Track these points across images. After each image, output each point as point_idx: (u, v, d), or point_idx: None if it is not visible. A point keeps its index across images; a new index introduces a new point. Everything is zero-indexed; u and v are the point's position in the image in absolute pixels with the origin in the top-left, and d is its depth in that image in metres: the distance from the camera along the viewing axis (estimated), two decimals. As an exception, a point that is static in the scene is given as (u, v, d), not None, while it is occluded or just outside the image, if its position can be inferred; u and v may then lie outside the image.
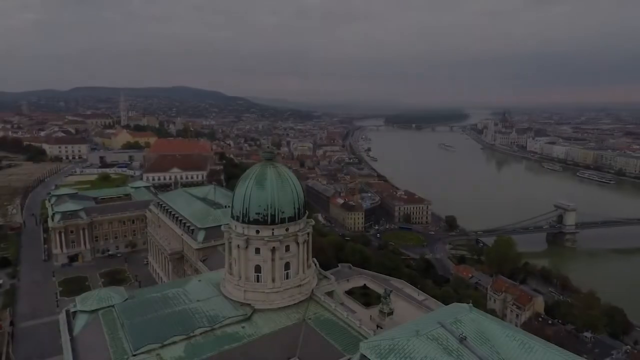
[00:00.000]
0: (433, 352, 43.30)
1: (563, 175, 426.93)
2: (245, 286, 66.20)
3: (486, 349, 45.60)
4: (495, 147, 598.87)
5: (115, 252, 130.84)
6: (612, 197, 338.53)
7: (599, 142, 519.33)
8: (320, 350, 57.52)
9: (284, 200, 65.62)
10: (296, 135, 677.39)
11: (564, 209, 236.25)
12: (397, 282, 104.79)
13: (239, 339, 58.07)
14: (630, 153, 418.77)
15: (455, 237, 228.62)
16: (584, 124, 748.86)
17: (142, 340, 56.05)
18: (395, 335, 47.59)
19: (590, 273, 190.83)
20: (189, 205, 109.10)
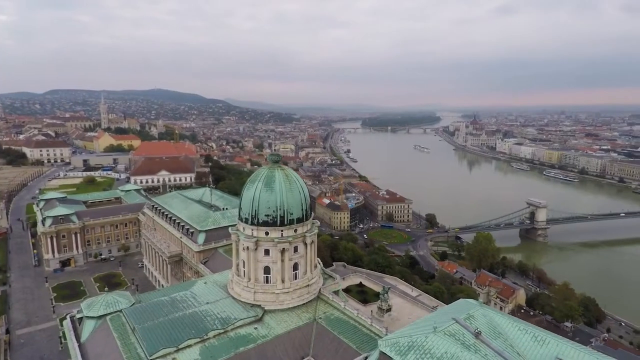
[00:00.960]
0: (452, 348, 43.57)
1: (531, 174, 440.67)
2: (255, 287, 65.11)
3: (500, 342, 46.31)
4: (466, 149, 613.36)
5: (108, 256, 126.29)
6: (577, 194, 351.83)
7: (562, 142, 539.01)
8: (334, 348, 57.11)
9: (292, 201, 64.92)
10: (277, 137, 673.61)
11: (535, 206, 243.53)
12: (391, 279, 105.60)
13: (253, 340, 57.03)
14: (591, 153, 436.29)
15: (435, 235, 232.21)
16: (547, 126, 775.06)
17: (156, 344, 54.23)
18: (412, 333, 47.68)
19: (562, 265, 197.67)
20: (186, 208, 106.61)
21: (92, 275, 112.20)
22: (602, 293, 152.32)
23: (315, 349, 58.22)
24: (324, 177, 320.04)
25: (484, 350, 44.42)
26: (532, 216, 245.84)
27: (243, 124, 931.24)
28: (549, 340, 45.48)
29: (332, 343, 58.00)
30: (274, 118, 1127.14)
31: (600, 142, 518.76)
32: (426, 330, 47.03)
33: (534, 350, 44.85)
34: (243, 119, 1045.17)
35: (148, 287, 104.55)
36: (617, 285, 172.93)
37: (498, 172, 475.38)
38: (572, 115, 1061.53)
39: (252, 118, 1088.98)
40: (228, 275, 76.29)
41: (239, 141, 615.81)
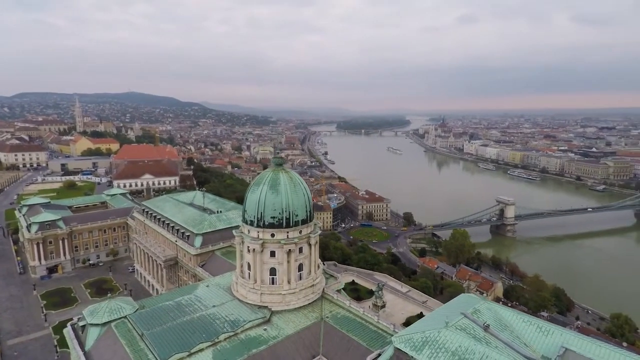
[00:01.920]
0: (465, 342, 44.29)
1: (496, 173, 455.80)
2: (261, 289, 64.10)
3: (507, 334, 47.51)
4: (436, 150, 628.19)
5: (96, 261, 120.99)
6: (539, 192, 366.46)
7: (523, 144, 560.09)
8: (344, 346, 56.98)
9: (297, 203, 64.41)
10: (255, 139, 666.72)
11: (504, 204, 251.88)
12: (381, 277, 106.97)
13: (265, 342, 56.12)
14: (551, 154, 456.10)
15: (412, 232, 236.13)
16: (508, 129, 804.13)
17: (167, 350, 52.46)
18: (425, 328, 48.13)
19: (531, 259, 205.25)
20: (180, 212, 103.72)
21: (82, 282, 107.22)
22: (569, 283, 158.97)
23: (325, 348, 57.96)
24: (305, 178, 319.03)
25: (494, 342, 45.46)
26: (502, 213, 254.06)
27: (220, 126, 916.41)
28: (552, 331, 47.07)
29: (341, 341, 57.88)
30: (250, 121, 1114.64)
31: (557, 143, 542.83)
32: (438, 326, 47.62)
33: (539, 340, 46.27)
34: (220, 122, 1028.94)
35: (141, 292, 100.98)
36: (581, 276, 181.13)
37: (466, 172, 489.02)
38: (531, 119, 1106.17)
39: (229, 121, 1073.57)
40: (229, 278, 74.93)
41: (217, 144, 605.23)
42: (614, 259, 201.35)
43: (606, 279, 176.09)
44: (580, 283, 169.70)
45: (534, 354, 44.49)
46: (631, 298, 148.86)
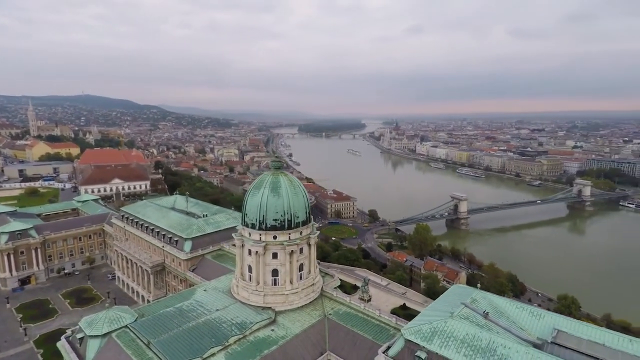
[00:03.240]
0: (471, 330, 46.09)
1: (446, 172, 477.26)
2: (264, 290, 62.89)
3: (504, 320, 50.15)
4: (391, 151, 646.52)
5: (72, 270, 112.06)
6: (485, 188, 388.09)
7: (468, 144, 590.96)
8: (350, 341, 57.22)
9: (297, 205, 63.87)
10: (218, 142, 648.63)
11: (458, 199, 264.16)
12: (361, 272, 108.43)
13: (274, 342, 55.05)
14: (493, 153, 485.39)
15: (379, 228, 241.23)
16: (454, 131, 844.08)
17: (179, 357, 50.08)
18: (431, 319, 49.50)
19: (484, 249, 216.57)
20: (164, 217, 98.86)
21: (59, 292, 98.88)
22: (519, 269, 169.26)
23: (332, 344, 57.90)
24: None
25: (495, 328, 47.79)
26: (456, 208, 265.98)
27: (181, 129, 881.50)
28: (543, 315, 50.34)
29: (346, 336, 58.10)
30: (211, 123, 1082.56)
31: (498, 143, 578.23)
32: (443, 316, 49.16)
33: (533, 324, 49.27)
34: (180, 125, 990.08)
35: (125, 300, 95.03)
36: (528, 262, 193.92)
37: (419, 171, 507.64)
38: (472, 122, 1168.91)
39: (190, 124, 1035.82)
40: (226, 281, 72.84)
41: (180, 147, 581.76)
42: (554, 246, 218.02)
43: (549, 264, 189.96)
44: (528, 269, 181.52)
45: (530, 336, 47.30)
46: (572, 280, 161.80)
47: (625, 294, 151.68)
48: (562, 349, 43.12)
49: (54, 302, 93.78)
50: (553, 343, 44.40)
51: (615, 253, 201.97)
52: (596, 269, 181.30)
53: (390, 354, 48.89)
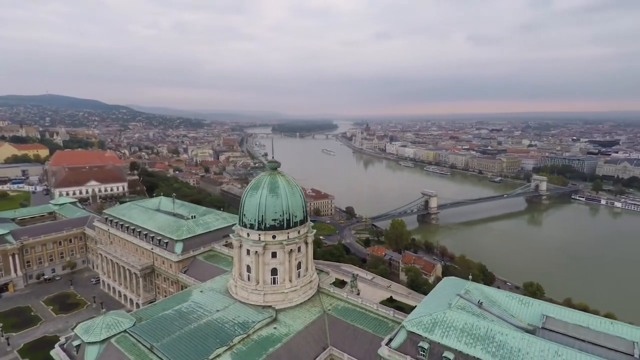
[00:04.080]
0: (469, 319, 47.65)
1: (415, 170, 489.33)
2: (264, 289, 62.08)
3: (497, 308, 52.28)
4: (363, 151, 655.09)
5: (52, 275, 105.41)
6: (451, 184, 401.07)
7: (434, 144, 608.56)
8: (351, 335, 57.54)
9: (295, 205, 63.49)
10: (192, 142, 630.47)
11: (428, 195, 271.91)
12: (347, 267, 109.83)
13: (279, 340, 54.51)
14: (457, 152, 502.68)
15: (356, 224, 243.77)
16: (420, 131, 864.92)
17: (184, 359, 48.43)
18: (430, 311, 50.75)
19: (453, 241, 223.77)
20: (151, 219, 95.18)
21: (41, 298, 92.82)
22: (486, 260, 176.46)
23: (333, 339, 58.04)
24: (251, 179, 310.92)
25: (489, 316, 49.73)
26: (426, 204, 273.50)
27: (152, 129, 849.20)
28: (532, 302, 52.85)
29: (347, 331, 58.42)
30: (183, 123, 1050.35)
31: (461, 143, 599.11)
32: (441, 308, 50.55)
33: (523, 311, 51.62)
34: (151, 125, 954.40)
35: (112, 304, 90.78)
36: (494, 253, 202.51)
37: (390, 169, 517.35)
38: (436, 122, 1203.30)
39: (161, 124, 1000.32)
40: (221, 282, 71.33)
41: (152, 147, 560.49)
42: (516, 238, 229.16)
43: (513, 254, 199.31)
44: (494, 259, 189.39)
45: (521, 323, 49.61)
46: (534, 268, 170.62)
47: (580, 280, 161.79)
48: (553, 334, 45.56)
49: (36, 309, 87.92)
50: (544, 328, 46.80)
51: (570, 243, 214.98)
52: (554, 257, 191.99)
53: (393, 345, 49.72)
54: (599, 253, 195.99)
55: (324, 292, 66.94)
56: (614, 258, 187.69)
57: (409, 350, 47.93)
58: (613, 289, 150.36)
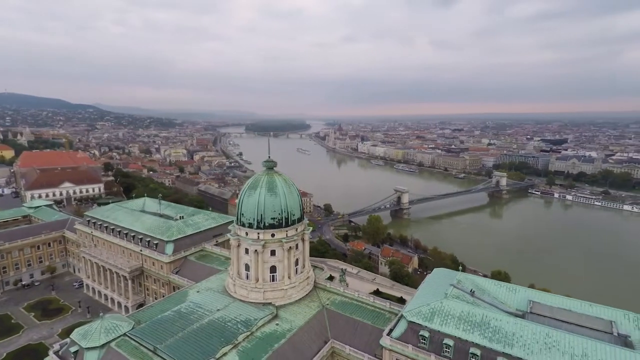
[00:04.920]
0: (466, 307, 49.47)
1: (385, 168, 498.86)
2: (264, 287, 61.35)
3: (487, 296, 54.63)
4: (336, 150, 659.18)
5: (30, 281, 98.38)
6: (419, 181, 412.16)
7: (402, 143, 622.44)
8: (351, 328, 57.97)
9: (293, 203, 63.15)
10: (164, 142, 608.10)
11: (400, 192, 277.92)
12: (332, 262, 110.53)
13: (282, 336, 54.09)
14: (424, 151, 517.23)
15: (334, 220, 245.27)
16: (388, 131, 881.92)
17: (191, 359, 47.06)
18: (427, 301, 52.15)
19: (425, 234, 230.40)
20: (137, 220, 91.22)
21: (20, 305, 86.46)
22: (455, 251, 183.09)
23: (333, 332, 58.27)
24: (228, 179, 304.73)
25: (482, 304, 51.91)
26: (399, 200, 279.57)
27: (121, 129, 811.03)
28: (518, 289, 55.65)
29: (347, 324, 58.85)
30: (154, 123, 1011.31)
31: (427, 142, 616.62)
32: (438, 297, 52.12)
33: (511, 297, 54.24)
34: (120, 125, 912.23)
35: (99, 308, 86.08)
36: (462, 244, 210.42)
37: (362, 167, 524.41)
38: (403, 123, 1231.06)
39: (130, 123, 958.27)
40: (217, 281, 69.90)
41: (123, 147, 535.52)
42: (481, 230, 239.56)
43: (479, 245, 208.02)
44: (463, 250, 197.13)
45: (510, 308, 52.18)
46: (498, 257, 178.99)
47: (540, 266, 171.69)
48: (540, 317, 48.25)
49: (16, 316, 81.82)
50: (531, 313, 49.49)
51: (528, 233, 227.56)
52: (516, 246, 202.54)
53: (394, 335, 50.71)
54: (553, 241, 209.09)
55: (321, 287, 67.09)
56: (566, 245, 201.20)
57: (410, 339, 49.11)
58: (567, 272, 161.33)
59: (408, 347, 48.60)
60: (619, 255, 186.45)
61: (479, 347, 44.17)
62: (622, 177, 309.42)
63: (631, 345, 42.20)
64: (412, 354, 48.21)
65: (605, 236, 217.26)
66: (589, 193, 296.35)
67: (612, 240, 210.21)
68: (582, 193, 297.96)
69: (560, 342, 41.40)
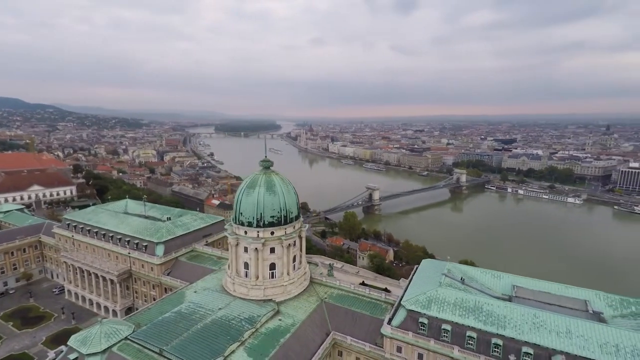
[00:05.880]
0: (459, 294, 51.69)
1: (355, 167, 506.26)
2: (264, 284, 60.51)
3: (475, 283, 57.34)
4: (308, 150, 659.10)
5: (4, 289, 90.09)
6: (386, 179, 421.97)
7: (369, 143, 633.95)
8: (350, 319, 58.58)
9: (291, 202, 62.74)
10: (131, 142, 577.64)
11: (372, 189, 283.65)
12: (317, 258, 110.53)
13: (287, 330, 53.68)
14: (390, 150, 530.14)
15: (310, 218, 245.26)
16: (356, 132, 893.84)
17: (200, 359, 45.55)
18: (423, 290, 53.89)
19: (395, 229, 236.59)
20: (122, 222, 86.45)
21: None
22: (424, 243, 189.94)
23: (334, 324, 58.59)
24: (202, 179, 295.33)
25: (472, 290, 54.48)
26: (370, 196, 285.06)
27: (85, 130, 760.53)
28: (502, 276, 58.82)
29: (346, 316, 59.39)
30: (120, 124, 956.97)
31: (392, 142, 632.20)
32: (432, 286, 53.99)
33: (496, 283, 57.29)
34: (84, 125, 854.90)
35: (84, 314, 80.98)
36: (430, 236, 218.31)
37: (333, 167, 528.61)
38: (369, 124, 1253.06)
39: (94, 124, 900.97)
40: (213, 281, 68.18)
41: (88, 148, 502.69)
42: (445, 222, 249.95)
43: (445, 236, 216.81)
44: (431, 242, 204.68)
45: (497, 293, 55.19)
46: (464, 246, 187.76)
47: (499, 254, 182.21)
48: (525, 300, 51.46)
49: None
50: (517, 297, 52.64)
51: (487, 223, 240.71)
52: (477, 236, 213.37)
53: (394, 324, 52.01)
54: (509, 231, 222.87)
55: (317, 282, 67.21)
56: (520, 233, 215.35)
57: (410, 326, 50.57)
58: (523, 257, 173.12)
59: (408, 334, 50.02)
60: (560, 240, 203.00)
61: (475, 330, 46.41)
62: (565, 172, 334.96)
63: (604, 320, 46.19)
64: (412, 340, 49.69)
65: (552, 225, 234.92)
66: (537, 187, 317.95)
67: (557, 228, 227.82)
68: (532, 188, 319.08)
69: (547, 322, 44.45)
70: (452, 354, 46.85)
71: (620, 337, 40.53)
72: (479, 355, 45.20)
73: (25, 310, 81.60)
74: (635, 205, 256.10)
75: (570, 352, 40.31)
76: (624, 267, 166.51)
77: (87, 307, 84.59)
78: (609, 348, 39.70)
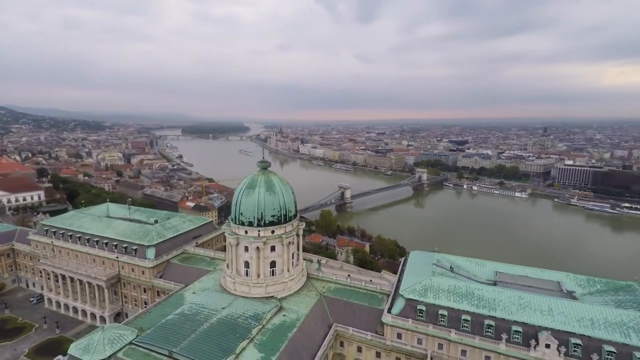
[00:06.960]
0: (452, 282, 54.26)
1: (325, 168, 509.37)
2: (265, 282, 59.59)
3: (463, 270, 60.33)
4: (279, 152, 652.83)
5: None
6: (355, 179, 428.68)
7: (337, 145, 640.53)
8: (350, 311, 59.20)
9: (289, 201, 62.38)
10: (94, 145, 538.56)
11: (344, 188, 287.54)
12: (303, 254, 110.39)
13: (293, 325, 53.32)
14: (357, 152, 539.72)
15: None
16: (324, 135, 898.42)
17: (212, 359, 44.07)
18: (418, 280, 55.88)
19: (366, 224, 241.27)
20: (108, 227, 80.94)
21: (-32, 330, 70.69)
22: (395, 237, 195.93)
23: (334, 317, 58.92)
24: (174, 182, 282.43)
25: (461, 278, 57.34)
26: (342, 195, 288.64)
27: (42, 133, 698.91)
28: (485, 263, 62.31)
29: (345, 308, 59.95)
30: (80, 126, 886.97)
31: (358, 144, 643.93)
32: (426, 276, 56.14)
33: (480, 271, 60.64)
34: (41, 128, 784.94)
35: (68, 322, 74.81)
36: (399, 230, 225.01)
37: (304, 167, 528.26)
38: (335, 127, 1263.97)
39: (53, 126, 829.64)
40: (210, 281, 66.17)
41: (48, 152, 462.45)
42: (410, 217, 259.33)
43: (412, 229, 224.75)
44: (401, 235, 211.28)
45: (482, 279, 58.49)
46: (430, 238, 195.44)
47: (460, 242, 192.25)
48: (508, 284, 55.06)
49: (-34, 343, 66.83)
50: (500, 281, 56.17)
51: (448, 216, 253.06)
52: (439, 228, 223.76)
53: (394, 312, 53.49)
54: (466, 221, 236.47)
55: (314, 277, 67.27)
56: (476, 223, 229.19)
57: (409, 314, 52.25)
58: (485, 244, 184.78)
59: (408, 321, 51.65)
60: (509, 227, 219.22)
61: (469, 314, 48.95)
62: (512, 170, 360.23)
63: (576, 298, 50.65)
64: (412, 326, 51.36)
65: (504, 216, 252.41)
66: (489, 184, 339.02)
67: (508, 219, 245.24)
68: (484, 184, 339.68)
69: (531, 302, 47.95)
70: (449, 336, 49.06)
71: (594, 312, 44.75)
72: (474, 336, 47.74)
73: (2, 322, 73.67)
74: (571, 198, 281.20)
75: (554, 328, 43.84)
76: (568, 249, 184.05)
77: (70, 315, 78.09)
78: (585, 322, 43.68)
